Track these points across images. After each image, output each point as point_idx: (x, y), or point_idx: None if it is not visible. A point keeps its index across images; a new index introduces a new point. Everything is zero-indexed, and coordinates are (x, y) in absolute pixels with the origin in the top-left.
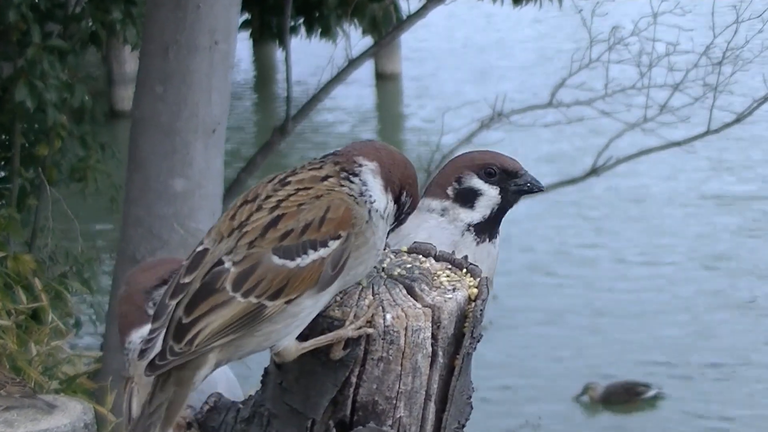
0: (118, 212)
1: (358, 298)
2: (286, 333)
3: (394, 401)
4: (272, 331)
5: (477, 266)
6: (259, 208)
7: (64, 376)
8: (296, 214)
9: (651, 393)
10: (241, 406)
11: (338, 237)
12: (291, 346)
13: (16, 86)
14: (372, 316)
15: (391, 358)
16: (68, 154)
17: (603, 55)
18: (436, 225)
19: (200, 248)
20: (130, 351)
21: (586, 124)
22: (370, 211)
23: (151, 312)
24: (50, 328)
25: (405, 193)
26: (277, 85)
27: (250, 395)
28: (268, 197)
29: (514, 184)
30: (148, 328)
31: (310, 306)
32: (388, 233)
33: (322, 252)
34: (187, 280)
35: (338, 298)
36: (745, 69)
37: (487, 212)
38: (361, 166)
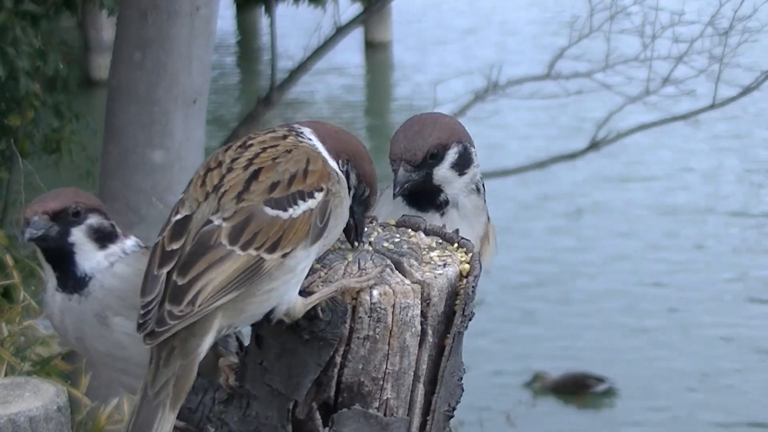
0: (93, 185)
1: (344, 274)
2: (285, 290)
3: (381, 382)
4: (272, 288)
5: (469, 241)
6: (230, 170)
7: (38, 358)
8: (274, 167)
9: (602, 387)
10: (219, 386)
11: (321, 189)
12: (297, 303)
13: None
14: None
15: (378, 336)
16: (41, 125)
17: (604, 25)
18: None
19: (178, 217)
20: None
21: (586, 97)
22: (337, 173)
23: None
24: (22, 306)
25: (341, 162)
26: (262, 54)
27: None
28: (234, 160)
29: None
30: None
31: (303, 259)
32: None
33: (311, 203)
34: (174, 246)
35: (323, 274)
36: (753, 40)
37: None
38: (301, 129)
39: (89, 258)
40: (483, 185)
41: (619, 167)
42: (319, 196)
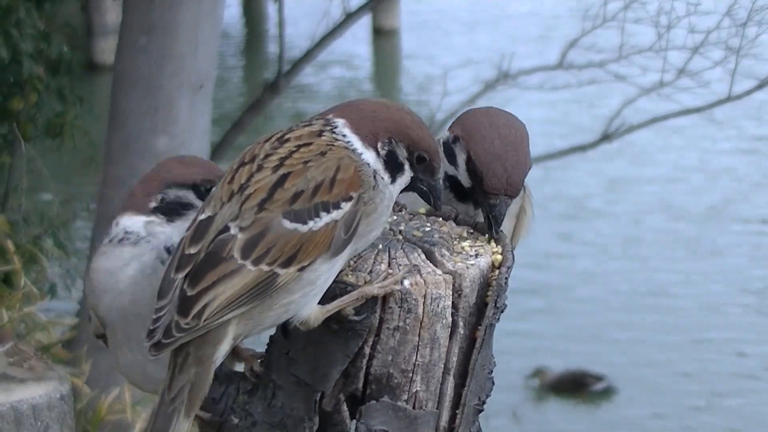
0: (96, 171)
1: (373, 263)
2: (304, 303)
3: (411, 374)
4: (290, 302)
5: (501, 231)
6: (259, 168)
7: (38, 344)
8: (303, 172)
9: (600, 386)
10: (243, 376)
11: (350, 198)
12: (315, 311)
13: None
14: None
15: (408, 327)
16: (44, 109)
17: (618, 14)
18: None
19: (203, 216)
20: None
21: (599, 93)
22: (375, 176)
23: (152, 204)
24: (23, 292)
25: (382, 143)
26: (268, 40)
27: None
28: (267, 156)
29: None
30: (138, 219)
31: (326, 271)
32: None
33: (335, 214)
34: (192, 250)
35: (352, 263)
36: None
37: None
38: (335, 122)
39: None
40: None
41: (630, 168)
42: (346, 206)
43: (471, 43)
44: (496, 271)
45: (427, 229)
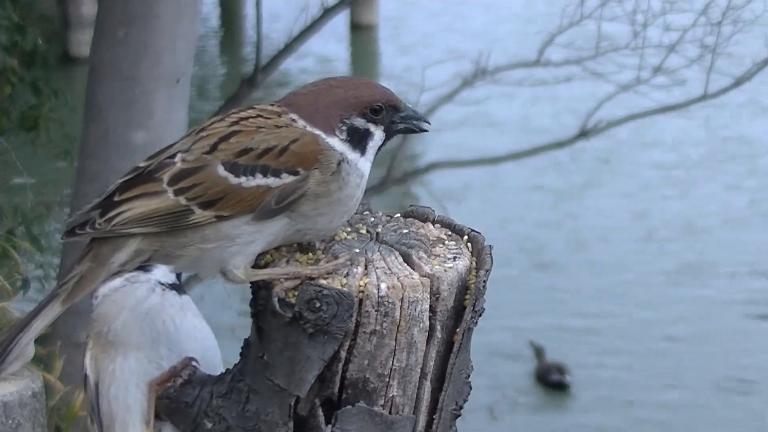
0: (71, 165)
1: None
2: (221, 257)
3: (387, 379)
4: (205, 249)
5: (480, 233)
6: (222, 119)
7: None
8: (251, 134)
9: (556, 378)
10: (217, 380)
11: (295, 173)
12: (240, 269)
13: None
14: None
15: (384, 331)
16: (18, 101)
17: (595, 12)
18: None
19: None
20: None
21: (576, 85)
22: (340, 163)
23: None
24: None
25: (338, 128)
26: (245, 34)
27: (228, 369)
28: (233, 113)
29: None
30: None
31: (248, 234)
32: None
33: (271, 181)
34: (143, 164)
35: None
36: (746, 30)
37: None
38: (292, 116)
39: None
40: None
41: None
42: (287, 178)
43: (450, 39)
44: (475, 274)
45: (405, 231)
